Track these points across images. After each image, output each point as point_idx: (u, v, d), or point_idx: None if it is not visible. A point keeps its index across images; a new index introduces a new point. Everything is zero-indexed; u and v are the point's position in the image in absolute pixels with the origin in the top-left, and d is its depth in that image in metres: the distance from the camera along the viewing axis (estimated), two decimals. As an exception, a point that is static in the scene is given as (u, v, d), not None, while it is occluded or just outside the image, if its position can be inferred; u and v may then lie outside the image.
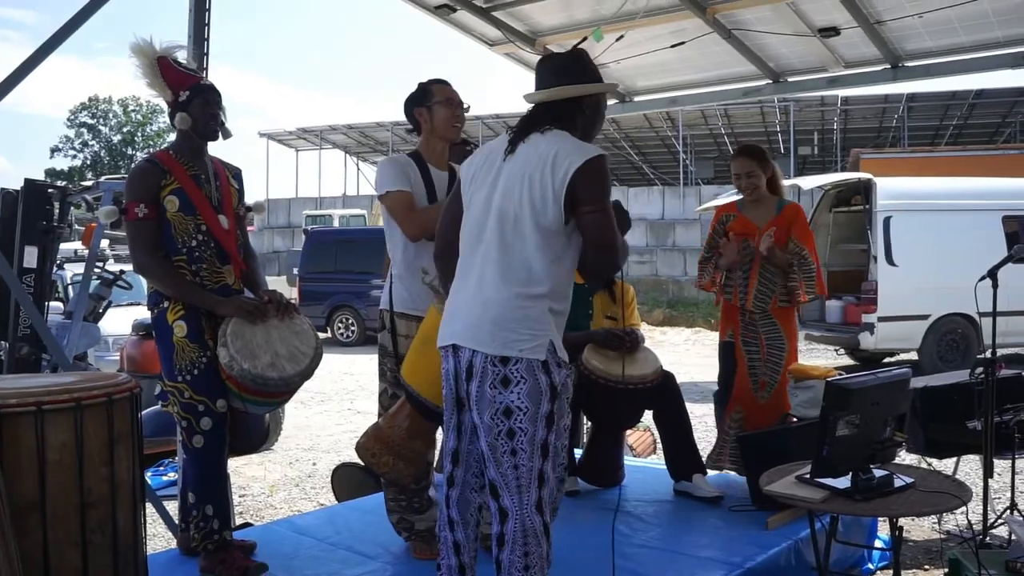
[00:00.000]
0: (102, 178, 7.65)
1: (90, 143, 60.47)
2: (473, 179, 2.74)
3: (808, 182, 12.26)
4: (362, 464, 3.47)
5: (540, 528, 2.53)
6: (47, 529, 2.64)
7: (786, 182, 13.10)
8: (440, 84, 3.57)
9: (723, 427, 4.58)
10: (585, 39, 5.39)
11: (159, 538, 4.88)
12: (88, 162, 58.87)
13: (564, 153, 2.54)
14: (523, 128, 2.69)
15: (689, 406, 4.57)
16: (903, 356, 11.44)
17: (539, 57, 3.17)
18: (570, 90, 2.67)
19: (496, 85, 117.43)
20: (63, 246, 7.64)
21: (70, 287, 10.58)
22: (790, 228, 4.50)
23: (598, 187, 2.54)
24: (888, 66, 5.26)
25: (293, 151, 34.38)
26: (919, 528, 4.86)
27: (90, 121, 60.39)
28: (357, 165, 35.58)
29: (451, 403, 2.69)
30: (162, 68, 3.37)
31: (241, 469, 6.82)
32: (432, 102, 3.53)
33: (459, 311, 2.62)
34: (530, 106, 2.76)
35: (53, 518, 2.65)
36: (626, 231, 4.11)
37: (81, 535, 2.70)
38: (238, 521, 4.80)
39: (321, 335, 5.04)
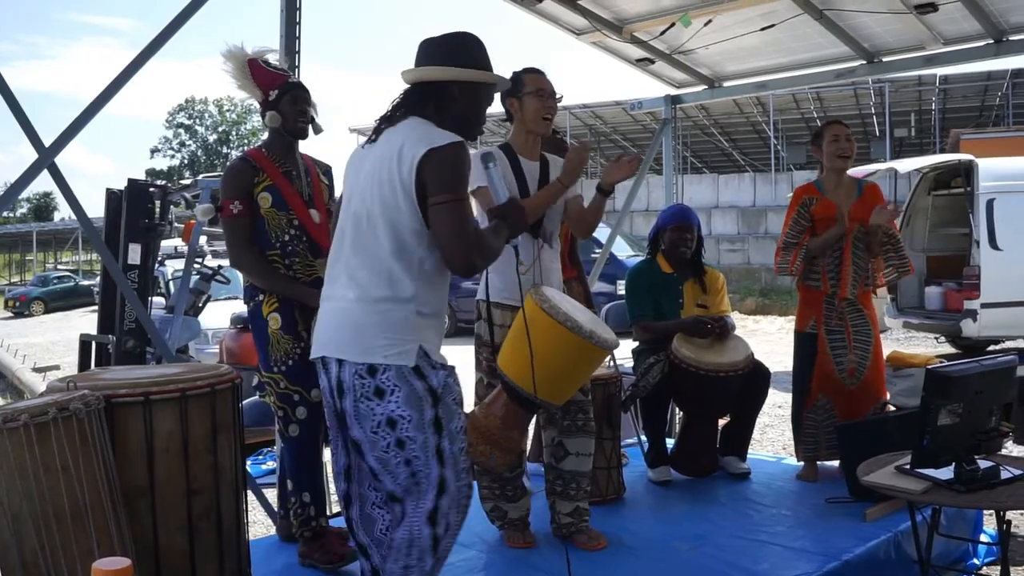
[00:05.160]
0: (200, 176, 7.89)
1: (187, 143, 62.60)
2: (345, 178, 2.58)
3: (905, 165, 11.88)
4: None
5: (428, 541, 2.36)
6: (156, 514, 2.76)
7: (882, 165, 12.75)
8: (533, 74, 3.51)
9: (805, 418, 4.44)
10: (673, 25, 5.34)
11: (259, 524, 5.03)
12: (186, 161, 60.98)
13: (411, 143, 2.35)
14: (386, 115, 2.52)
15: (782, 395, 4.51)
16: (1009, 344, 11.01)
17: (627, 44, 3.05)
18: (438, 72, 2.46)
19: (584, 74, 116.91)
20: (164, 243, 7.91)
21: (171, 282, 10.95)
22: (872, 210, 4.38)
23: (445, 176, 2.30)
24: (990, 41, 5.05)
25: (382, 146, 34.86)
26: (1028, 522, 4.68)
27: (187, 122, 62.49)
28: (444, 158, 35.83)
29: (333, 419, 2.51)
30: (252, 70, 3.46)
31: (336, 458, 6.95)
32: (523, 92, 3.48)
33: (324, 321, 2.48)
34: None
35: (161, 504, 2.76)
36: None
37: (188, 520, 2.81)
38: (335, 508, 4.91)
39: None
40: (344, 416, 2.41)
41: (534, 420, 4.10)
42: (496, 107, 3.48)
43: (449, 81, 2.46)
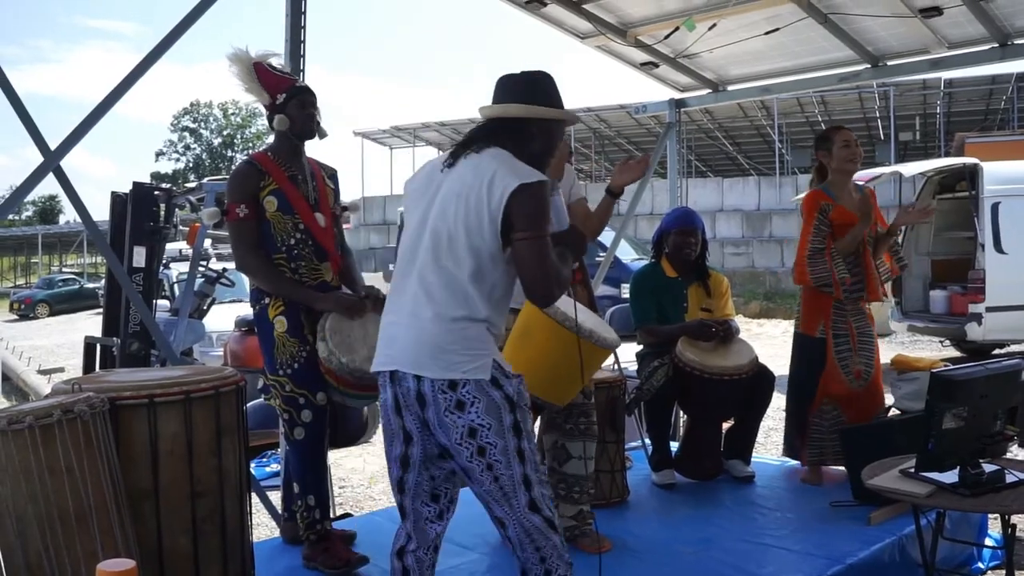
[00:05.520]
0: (205, 180, 7.89)
1: (192, 146, 62.74)
2: (412, 195, 2.63)
3: (910, 169, 11.88)
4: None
5: (541, 524, 2.48)
6: (160, 516, 2.76)
7: (887, 169, 12.73)
8: None
9: (811, 423, 4.41)
10: (677, 29, 5.34)
11: (263, 527, 5.03)
12: (191, 165, 61.08)
13: (502, 174, 2.43)
14: (465, 142, 2.59)
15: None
16: (1014, 347, 10.99)
17: (631, 48, 3.06)
18: (520, 110, 2.56)
19: (588, 78, 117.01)
20: (169, 246, 7.92)
21: (176, 285, 10.97)
22: (874, 215, 4.42)
23: (533, 212, 2.41)
24: (995, 45, 5.04)
25: (387, 149, 34.86)
26: (1033, 526, 4.66)
27: (192, 125, 62.63)
28: (449, 162, 35.73)
29: (392, 433, 2.56)
30: (259, 73, 3.47)
31: (341, 461, 6.97)
32: None
33: (395, 336, 2.52)
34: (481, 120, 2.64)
35: (166, 506, 2.77)
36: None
37: (192, 523, 2.81)
38: (338, 511, 4.92)
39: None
40: (428, 425, 2.47)
41: (536, 424, 4.11)
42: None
43: (528, 119, 2.56)
